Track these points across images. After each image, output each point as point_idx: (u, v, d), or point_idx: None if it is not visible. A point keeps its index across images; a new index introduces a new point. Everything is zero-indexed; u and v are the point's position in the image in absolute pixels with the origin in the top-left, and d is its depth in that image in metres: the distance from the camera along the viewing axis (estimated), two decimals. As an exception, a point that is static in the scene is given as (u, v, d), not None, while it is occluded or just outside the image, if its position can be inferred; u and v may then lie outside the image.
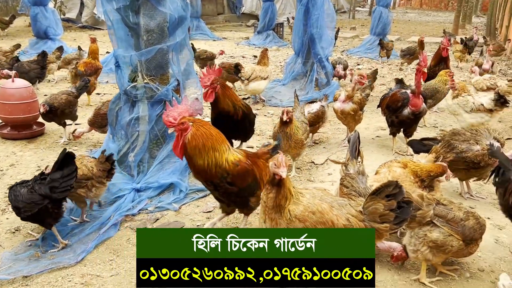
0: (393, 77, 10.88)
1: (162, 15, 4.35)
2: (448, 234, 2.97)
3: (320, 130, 6.90)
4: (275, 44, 16.07)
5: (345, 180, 3.24)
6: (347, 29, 21.89)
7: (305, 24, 8.64)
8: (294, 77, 9.17)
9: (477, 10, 32.00)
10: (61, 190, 3.32)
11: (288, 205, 2.65)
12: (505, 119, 7.41)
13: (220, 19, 23.48)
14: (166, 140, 4.67)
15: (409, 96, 5.37)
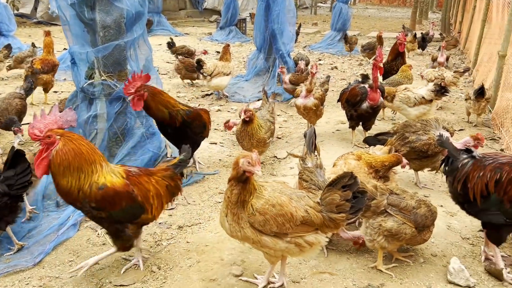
0: (353, 72, 11.16)
1: (119, 11, 4.27)
2: (401, 223, 3.09)
3: (282, 125, 7.01)
4: (238, 39, 16.08)
5: (304, 174, 3.31)
6: (309, 24, 22.17)
7: (266, 20, 8.69)
8: (257, 73, 9.22)
9: (433, 6, 33.14)
10: (18, 187, 3.26)
11: (251, 200, 2.69)
12: (458, 111, 7.75)
13: (182, 14, 23.22)
14: (126, 138, 4.60)
15: (367, 91, 5.54)
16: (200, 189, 4.63)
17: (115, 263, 3.34)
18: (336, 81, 10.11)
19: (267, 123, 5.08)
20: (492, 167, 3.09)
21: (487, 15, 10.47)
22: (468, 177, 3.15)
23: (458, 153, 3.30)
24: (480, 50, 10.58)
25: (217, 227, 3.83)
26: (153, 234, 3.75)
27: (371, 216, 3.16)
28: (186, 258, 3.42)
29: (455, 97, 8.65)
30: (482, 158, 3.21)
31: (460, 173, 3.21)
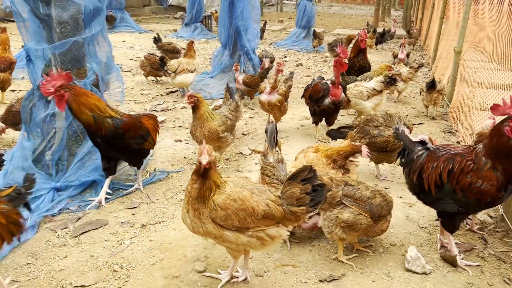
0: (318, 69, 11.31)
1: (76, 6, 4.16)
2: (357, 213, 3.18)
3: (248, 121, 7.03)
4: (203, 36, 15.97)
5: (266, 169, 3.34)
6: (275, 22, 22.28)
7: (230, 17, 8.66)
8: (222, 70, 9.19)
9: (395, 3, 33.98)
10: None
11: (212, 196, 2.70)
12: (418, 105, 7.99)
13: (146, 11, 22.81)
14: (86, 137, 4.50)
15: (330, 87, 5.63)
16: (164, 187, 4.59)
17: (76, 264, 3.28)
18: (301, 78, 10.22)
19: (222, 118, 4.95)
20: (445, 158, 3.21)
21: (444, 12, 10.84)
22: (423, 168, 3.27)
23: (413, 146, 3.41)
24: (439, 47, 10.95)
25: (181, 224, 3.80)
26: (116, 234, 3.70)
27: (328, 208, 3.21)
28: (149, 256, 3.39)
29: (415, 92, 8.91)
30: (436, 150, 3.33)
31: (415, 164, 3.33)
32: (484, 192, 3.01)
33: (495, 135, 3.00)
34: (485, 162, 3.03)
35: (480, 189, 3.02)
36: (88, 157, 4.42)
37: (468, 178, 3.05)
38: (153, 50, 12.81)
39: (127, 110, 7.08)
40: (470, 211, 3.34)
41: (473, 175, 3.06)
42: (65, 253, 3.42)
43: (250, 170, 5.11)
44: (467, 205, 3.14)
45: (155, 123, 4.47)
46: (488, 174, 3.01)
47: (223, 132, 4.84)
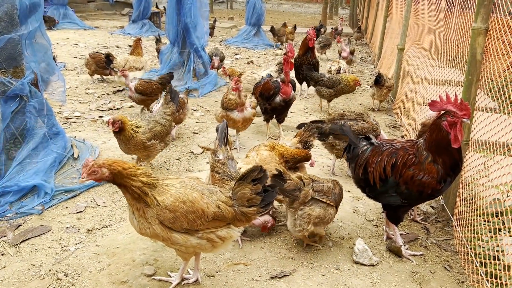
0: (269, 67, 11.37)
1: (10, 2, 3.91)
2: (326, 205, 3.27)
3: (199, 120, 6.95)
4: (152, 33, 15.61)
5: (216, 167, 3.31)
6: (225, 19, 22.21)
7: (178, 14, 8.51)
8: (172, 67, 9.01)
9: (342, 2, 34.88)
10: None
11: (151, 196, 2.62)
12: (364, 102, 8.25)
13: (91, 7, 22.02)
14: (26, 139, 4.27)
15: (280, 85, 5.67)
16: (111, 190, 4.44)
17: (16, 274, 3.10)
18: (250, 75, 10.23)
19: (150, 124, 4.57)
20: (389, 152, 3.33)
21: (388, 11, 11.25)
22: (368, 163, 3.37)
23: (358, 141, 3.51)
24: (384, 44, 11.34)
25: (129, 228, 3.71)
26: (60, 240, 3.53)
27: (298, 207, 3.24)
28: (95, 262, 3.26)
29: (361, 89, 9.18)
30: (380, 144, 3.44)
31: (360, 159, 3.43)
32: (425, 184, 3.14)
33: (434, 130, 3.13)
34: (426, 156, 3.16)
35: (421, 181, 3.15)
36: (28, 161, 4.18)
37: (410, 171, 3.18)
38: (99, 47, 12.40)
39: (71, 109, 6.82)
40: (413, 203, 3.48)
41: (415, 168, 3.18)
42: (3, 263, 3.22)
43: (201, 170, 5.06)
44: (410, 197, 3.26)
45: None
46: (429, 167, 3.14)
47: (149, 140, 4.49)
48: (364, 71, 10.97)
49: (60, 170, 4.49)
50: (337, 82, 7.09)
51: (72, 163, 4.68)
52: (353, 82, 7.07)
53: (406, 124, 6.44)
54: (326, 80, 7.17)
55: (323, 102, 7.67)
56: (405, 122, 6.55)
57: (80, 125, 6.28)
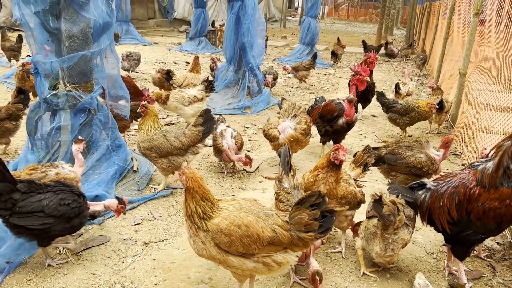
0: (322, 86, 11.32)
1: (86, 21, 4.16)
2: (412, 231, 3.26)
3: (252, 138, 7.00)
4: (207, 51, 16.06)
5: (281, 195, 3.28)
6: (278, 37, 22.43)
7: (236, 33, 8.71)
8: (227, 85, 9.20)
9: (397, 22, 34.26)
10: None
11: (207, 219, 2.71)
12: (421, 126, 7.98)
13: (151, 23, 23.02)
14: (91, 151, 4.47)
15: (344, 106, 5.53)
16: (167, 204, 4.53)
17: (77, 282, 3.21)
18: (305, 95, 10.23)
19: (156, 135, 4.50)
20: (449, 193, 3.17)
21: (448, 33, 10.90)
22: (431, 211, 3.25)
23: (413, 193, 3.40)
24: (442, 67, 10.98)
25: (184, 243, 3.76)
26: (118, 251, 3.64)
27: (392, 233, 3.20)
28: (151, 276, 3.32)
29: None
30: (437, 186, 3.29)
31: (422, 209, 3.32)
32: (502, 214, 2.95)
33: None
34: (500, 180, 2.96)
35: (496, 212, 2.96)
36: (91, 171, 4.37)
37: (479, 206, 3.00)
38: (157, 63, 12.88)
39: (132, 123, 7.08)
40: (494, 234, 3.30)
41: (483, 200, 3.00)
42: (66, 270, 3.35)
43: (254, 188, 5.06)
44: (490, 230, 3.10)
45: None
46: (506, 192, 2.93)
47: (145, 149, 4.46)
48: (421, 94, 10.65)
49: (120, 182, 4.66)
50: (410, 108, 6.77)
51: (131, 175, 4.84)
52: (428, 107, 6.70)
53: (468, 151, 6.14)
54: (399, 107, 6.86)
55: (396, 129, 7.49)
56: (466, 150, 6.25)
57: (139, 138, 6.50)
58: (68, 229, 3.28)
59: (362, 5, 47.64)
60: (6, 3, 17.02)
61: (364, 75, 5.55)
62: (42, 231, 3.15)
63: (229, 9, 8.82)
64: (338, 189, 3.43)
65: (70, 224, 3.24)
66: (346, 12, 47.39)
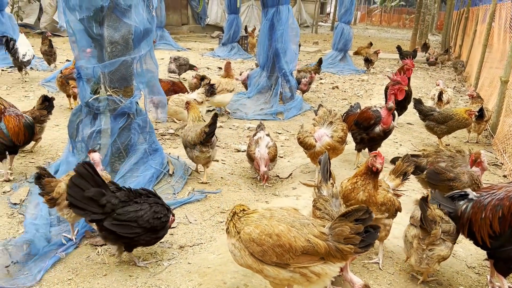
0: (355, 92, 11.19)
1: (127, 27, 4.27)
2: (451, 246, 3.18)
3: (284, 144, 6.98)
4: (240, 56, 16.17)
5: (318, 202, 3.25)
6: (310, 43, 22.36)
7: (270, 39, 8.74)
8: (259, 90, 9.24)
9: (432, 28, 33.54)
10: None
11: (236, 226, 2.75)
12: (459, 135, 7.75)
13: (184, 29, 23.40)
14: (129, 154, 4.57)
15: (381, 114, 5.43)
16: (202, 208, 4.57)
17: (115, 283, 3.26)
18: (337, 101, 10.15)
19: (186, 131, 5.13)
20: (492, 205, 3.06)
21: (488, 39, 10.58)
22: (471, 222, 3.14)
23: (453, 203, 3.29)
24: (481, 75, 10.66)
25: (220, 248, 3.77)
26: (154, 254, 3.69)
27: (428, 244, 3.15)
28: (187, 280, 3.35)
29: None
30: (480, 197, 3.18)
31: (462, 220, 3.20)
32: None
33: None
34: None
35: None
36: (129, 174, 4.46)
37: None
38: (191, 68, 13.04)
39: (165, 127, 7.21)
40: None
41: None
42: (104, 271, 3.42)
43: (287, 195, 5.04)
44: None
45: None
46: None
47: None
48: (459, 101, 10.36)
49: (156, 185, 4.73)
50: (448, 117, 6.57)
51: (167, 179, 4.91)
52: (467, 114, 6.47)
53: (509, 162, 5.92)
54: (436, 115, 6.68)
55: (432, 136, 7.33)
56: (508, 161, 6.03)
57: (174, 142, 6.61)
58: (152, 240, 3.43)
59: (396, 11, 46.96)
60: (47, 9, 17.69)
61: (403, 84, 5.44)
62: (129, 239, 3.29)
63: (263, 15, 8.86)
64: (377, 196, 3.38)
65: (155, 236, 3.40)
66: (379, 18, 46.81)
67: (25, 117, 4.85)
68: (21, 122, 4.72)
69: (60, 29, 4.37)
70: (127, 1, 4.15)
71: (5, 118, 4.60)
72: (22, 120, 4.77)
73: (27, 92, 8.99)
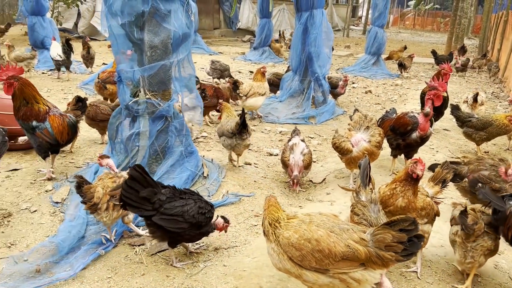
0: (388, 97, 11.02)
1: (167, 32, 4.36)
2: (494, 237, 3.21)
3: (317, 148, 6.94)
4: (271, 60, 16.20)
5: (356, 207, 3.22)
6: (341, 47, 22.17)
7: (303, 43, 8.72)
8: (291, 94, 9.22)
9: (468, 32, 32.62)
10: None
11: (274, 231, 2.78)
12: (498, 142, 7.50)
13: (216, 33, 23.68)
14: (166, 156, 4.66)
15: (418, 120, 5.31)
16: (236, 211, 4.60)
17: (153, 283, 3.33)
18: (371, 106, 10.01)
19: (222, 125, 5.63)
20: None
21: (529, 44, 10.20)
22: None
23: (503, 201, 3.18)
24: (521, 80, 10.29)
25: (254, 251, 3.79)
26: (190, 255, 3.73)
27: (473, 240, 3.20)
28: (223, 282, 3.38)
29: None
30: None
31: (509, 221, 3.09)
32: None
33: None
34: None
35: None
36: (166, 176, 4.54)
37: None
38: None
39: (199, 130, 7.30)
40: None
41: None
42: (142, 270, 3.50)
43: (321, 200, 5.01)
44: None
45: (59, 124, 4.90)
46: None
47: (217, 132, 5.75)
48: (497, 107, 10.03)
49: (191, 187, 4.78)
50: (488, 123, 6.36)
51: (202, 181, 4.97)
52: (508, 120, 6.22)
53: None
54: (475, 121, 6.48)
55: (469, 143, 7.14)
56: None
57: (207, 145, 6.68)
58: (196, 236, 3.54)
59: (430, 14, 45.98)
60: (85, 14, 18.28)
61: (441, 90, 5.32)
62: (175, 234, 3.40)
63: (297, 19, 8.86)
64: (417, 202, 3.33)
65: (199, 231, 3.50)
66: (412, 21, 45.92)
67: (69, 116, 5.03)
68: (65, 121, 4.89)
69: (105, 33, 4.49)
70: (167, 6, 4.24)
71: (50, 117, 4.78)
72: (66, 120, 4.94)
73: (66, 94, 9.30)
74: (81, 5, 17.85)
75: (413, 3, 45.11)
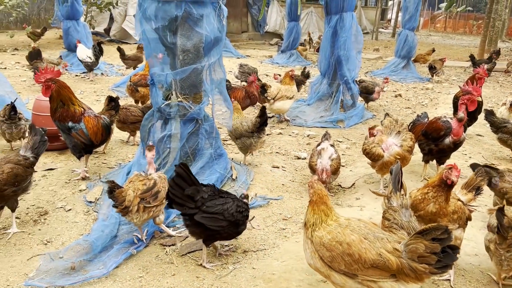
0: (419, 101, 10.82)
1: (199, 36, 4.43)
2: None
3: (345, 152, 6.88)
4: (298, 63, 16.17)
5: (387, 213, 3.18)
6: (370, 50, 21.91)
7: (332, 46, 8.68)
8: (320, 98, 9.18)
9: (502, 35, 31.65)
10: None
11: (315, 227, 2.80)
12: None
13: (244, 37, 23.81)
14: (196, 158, 4.72)
15: (451, 125, 5.21)
16: (264, 214, 4.61)
17: (183, 284, 3.37)
18: (401, 110, 9.86)
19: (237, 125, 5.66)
20: None
21: None
22: None
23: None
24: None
25: (283, 255, 3.79)
26: (219, 257, 3.77)
27: (506, 249, 3.13)
28: (252, 285, 3.39)
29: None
30: None
31: None
32: None
33: None
34: None
35: None
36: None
37: None
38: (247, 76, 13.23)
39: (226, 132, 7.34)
40: None
41: None
42: (173, 270, 3.55)
43: (351, 205, 4.96)
44: None
45: (94, 125, 5.06)
46: None
47: (229, 132, 5.85)
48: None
49: (220, 190, 4.84)
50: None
51: (230, 184, 5.01)
52: None
53: None
54: (510, 127, 6.31)
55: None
56: None
57: (235, 147, 6.71)
58: (233, 234, 3.62)
59: (462, 16, 44.86)
60: (117, 18, 18.71)
61: (476, 95, 5.19)
62: (214, 232, 3.49)
63: (327, 22, 8.82)
64: (448, 207, 3.28)
65: (236, 230, 3.58)
66: (443, 24, 44.91)
67: (103, 118, 5.17)
68: (99, 123, 5.03)
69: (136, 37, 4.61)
70: (199, 10, 4.31)
71: (85, 119, 4.92)
72: (100, 121, 5.08)
73: (98, 97, 9.55)
74: (113, 9, 18.29)
75: (445, 5, 44.11)
